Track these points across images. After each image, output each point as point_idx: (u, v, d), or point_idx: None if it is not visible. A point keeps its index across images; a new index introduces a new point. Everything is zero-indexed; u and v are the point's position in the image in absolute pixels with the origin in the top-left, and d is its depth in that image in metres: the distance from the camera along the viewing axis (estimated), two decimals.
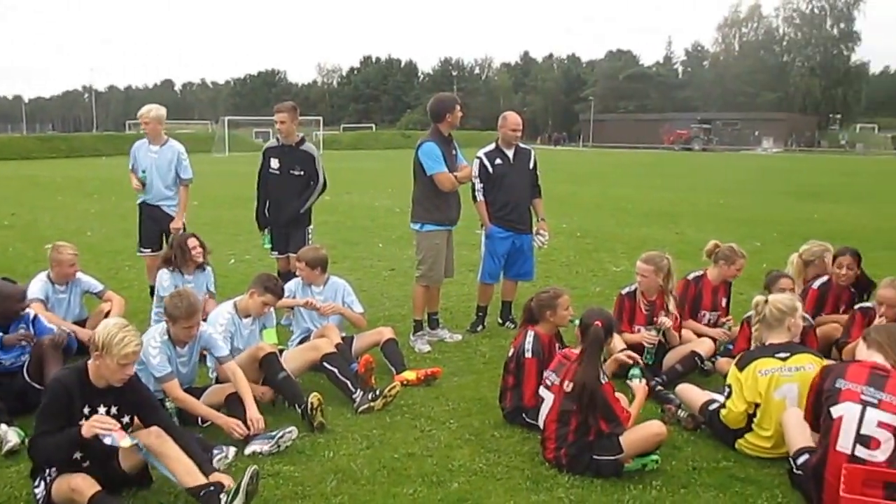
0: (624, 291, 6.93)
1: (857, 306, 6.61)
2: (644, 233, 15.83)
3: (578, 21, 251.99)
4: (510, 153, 7.90)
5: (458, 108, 7.52)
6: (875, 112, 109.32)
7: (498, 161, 7.85)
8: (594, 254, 13.24)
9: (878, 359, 4.46)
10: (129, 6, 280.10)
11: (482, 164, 7.82)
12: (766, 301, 5.29)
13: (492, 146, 7.96)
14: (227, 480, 4.23)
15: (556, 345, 5.77)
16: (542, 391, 5.07)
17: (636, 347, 6.43)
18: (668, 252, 7.04)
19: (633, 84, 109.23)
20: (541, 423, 5.04)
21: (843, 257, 7.06)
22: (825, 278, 7.18)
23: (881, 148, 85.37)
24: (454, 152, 7.60)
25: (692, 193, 26.09)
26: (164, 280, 7.13)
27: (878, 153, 78.40)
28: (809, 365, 5.03)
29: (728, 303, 7.40)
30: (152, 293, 7.91)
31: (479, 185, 7.85)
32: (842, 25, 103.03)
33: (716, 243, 7.31)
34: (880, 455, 4.21)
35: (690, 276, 7.27)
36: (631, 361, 5.76)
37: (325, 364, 6.08)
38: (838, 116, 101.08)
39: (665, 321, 6.58)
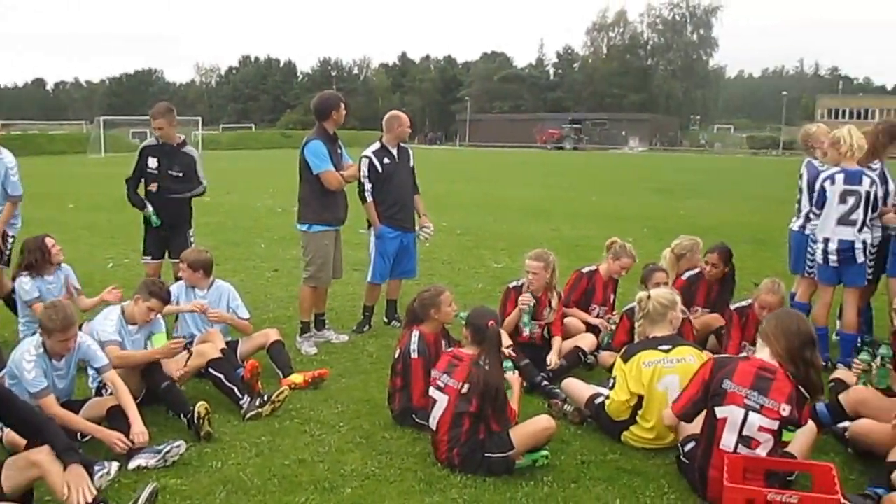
0: (511, 285, 6.92)
1: (733, 307, 6.74)
2: (522, 230, 15.99)
3: (454, 23, 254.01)
4: (395, 152, 7.79)
5: (342, 105, 7.34)
6: (731, 114, 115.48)
7: (386, 160, 7.70)
8: (475, 251, 13.27)
9: (766, 353, 4.44)
10: None
11: (371, 164, 7.64)
12: (649, 296, 5.38)
13: (377, 145, 7.78)
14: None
15: (443, 342, 5.70)
16: (435, 393, 4.94)
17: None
18: (547, 248, 7.08)
19: (507, 85, 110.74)
20: (433, 425, 4.91)
21: (711, 255, 7.20)
22: (696, 270, 7.36)
23: (737, 147, 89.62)
24: (340, 151, 7.42)
25: (566, 191, 26.64)
26: (26, 287, 6.65)
27: (734, 152, 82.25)
28: (690, 357, 5.14)
29: (614, 300, 7.51)
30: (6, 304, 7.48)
31: (368, 186, 7.67)
32: (701, 32, 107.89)
33: (613, 240, 7.40)
34: (761, 452, 4.30)
35: (585, 270, 7.34)
36: (513, 356, 5.78)
37: (211, 370, 5.79)
38: (698, 117, 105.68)
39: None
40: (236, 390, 5.68)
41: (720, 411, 4.36)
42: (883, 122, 7.49)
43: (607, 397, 5.28)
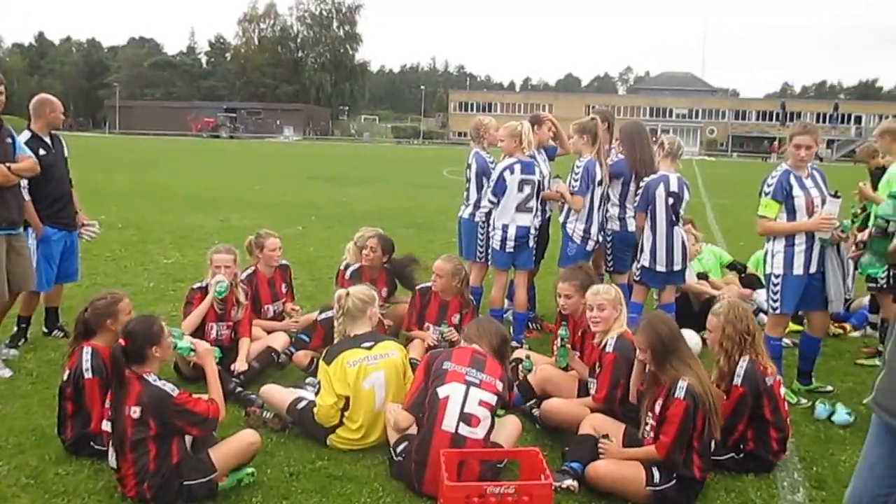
0: (196, 286, 6.23)
1: (417, 287, 6.77)
2: (189, 221, 14.89)
3: (96, 4, 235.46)
4: (49, 140, 6.61)
5: None
6: (376, 105, 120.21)
7: (42, 151, 6.44)
8: (141, 245, 12.04)
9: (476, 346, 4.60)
10: None
11: None
12: (348, 294, 5.02)
13: (28, 135, 6.47)
14: None
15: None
16: (109, 425, 4.09)
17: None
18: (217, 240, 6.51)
19: (158, 72, 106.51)
20: (113, 463, 4.06)
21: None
22: (357, 265, 7.15)
23: (383, 136, 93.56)
24: (10, 140, 6.05)
25: (228, 180, 25.55)
26: None
27: (381, 141, 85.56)
28: (393, 351, 4.95)
29: (290, 288, 7.13)
30: None
31: (23, 183, 6.40)
32: (347, 28, 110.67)
33: (250, 238, 6.99)
34: (480, 431, 4.28)
35: (243, 276, 6.69)
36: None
37: None
38: (347, 108, 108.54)
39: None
40: None
41: (442, 391, 4.32)
42: (531, 116, 7.88)
43: (312, 402, 4.86)
